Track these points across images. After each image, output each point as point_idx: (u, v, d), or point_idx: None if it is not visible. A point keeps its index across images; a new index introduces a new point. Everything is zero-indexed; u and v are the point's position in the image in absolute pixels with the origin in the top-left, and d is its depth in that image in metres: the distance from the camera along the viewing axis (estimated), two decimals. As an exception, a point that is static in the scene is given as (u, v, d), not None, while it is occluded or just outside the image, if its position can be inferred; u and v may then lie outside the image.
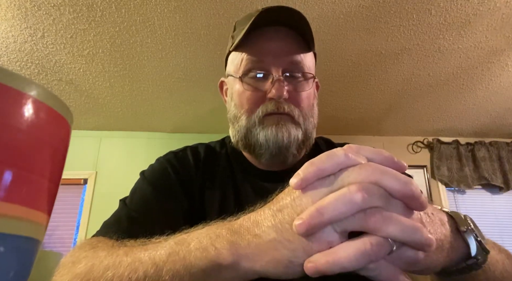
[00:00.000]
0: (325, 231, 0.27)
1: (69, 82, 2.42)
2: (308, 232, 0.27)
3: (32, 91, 0.18)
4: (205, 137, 2.85)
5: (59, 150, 0.21)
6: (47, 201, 0.20)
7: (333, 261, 0.26)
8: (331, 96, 2.68)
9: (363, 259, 0.26)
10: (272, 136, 0.57)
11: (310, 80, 0.62)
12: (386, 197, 0.27)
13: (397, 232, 0.26)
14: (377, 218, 0.26)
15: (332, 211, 0.26)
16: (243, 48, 0.61)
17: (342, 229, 0.27)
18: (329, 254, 0.26)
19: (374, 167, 0.27)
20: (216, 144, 0.70)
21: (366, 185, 0.26)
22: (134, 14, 1.85)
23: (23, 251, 0.18)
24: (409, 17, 1.92)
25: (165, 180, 0.60)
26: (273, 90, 0.57)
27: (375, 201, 0.26)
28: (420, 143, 3.30)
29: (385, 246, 0.26)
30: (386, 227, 0.26)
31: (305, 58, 0.61)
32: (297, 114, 0.59)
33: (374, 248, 0.26)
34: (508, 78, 2.48)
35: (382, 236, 0.26)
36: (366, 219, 0.26)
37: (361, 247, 0.26)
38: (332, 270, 0.26)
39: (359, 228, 0.27)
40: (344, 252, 0.26)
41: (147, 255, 0.34)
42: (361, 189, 0.26)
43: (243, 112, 0.61)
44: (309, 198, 0.28)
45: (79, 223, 2.80)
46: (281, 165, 0.62)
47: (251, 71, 0.60)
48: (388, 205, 0.27)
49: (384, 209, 0.27)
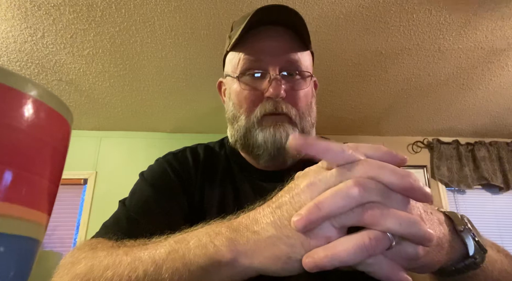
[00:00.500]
0: (323, 226, 0.27)
1: (69, 82, 2.42)
2: (307, 227, 0.27)
3: (32, 91, 0.18)
4: (205, 137, 2.85)
5: (59, 150, 0.21)
6: (47, 201, 0.20)
7: (332, 255, 0.26)
8: (331, 96, 2.68)
9: (361, 253, 0.26)
10: (270, 136, 0.58)
11: (307, 79, 0.62)
12: (385, 192, 0.27)
13: (395, 225, 0.26)
14: (375, 212, 0.26)
15: (329, 206, 0.26)
16: (240, 48, 0.61)
17: (340, 224, 0.27)
18: (328, 249, 0.26)
19: (372, 163, 0.28)
20: (215, 145, 0.70)
21: (363, 180, 0.27)
22: (134, 14, 1.85)
23: (23, 251, 0.18)
24: (409, 17, 1.92)
25: (164, 180, 0.60)
26: (271, 89, 0.57)
27: (373, 196, 0.26)
28: (420, 143, 3.30)
29: (384, 240, 0.26)
30: (384, 221, 0.26)
31: (302, 57, 0.62)
32: (294, 114, 0.59)
33: (372, 242, 0.26)
34: (508, 78, 2.48)
35: (380, 230, 0.26)
36: (364, 213, 0.26)
37: (359, 241, 0.26)
38: (331, 264, 0.26)
39: (357, 222, 0.27)
40: (342, 246, 0.26)
41: (146, 254, 0.34)
42: (358, 183, 0.26)
43: (242, 111, 0.61)
44: (308, 195, 0.28)
45: (79, 223, 2.79)
46: (280, 165, 0.62)
47: (248, 71, 0.60)
48: (387, 199, 0.27)
49: (382, 204, 0.27)
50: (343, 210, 0.26)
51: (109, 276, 0.33)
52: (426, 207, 0.31)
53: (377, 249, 0.26)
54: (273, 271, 0.29)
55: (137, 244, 0.39)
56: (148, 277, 0.32)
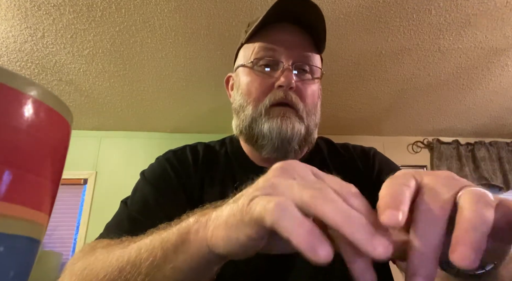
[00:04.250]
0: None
1: (69, 82, 2.42)
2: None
3: (32, 91, 0.18)
4: (205, 137, 2.85)
5: (59, 150, 0.21)
6: (47, 201, 0.20)
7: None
8: (331, 96, 2.68)
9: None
10: (276, 127, 0.58)
11: (316, 80, 0.64)
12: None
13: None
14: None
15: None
16: (257, 38, 0.62)
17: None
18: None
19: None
20: (216, 144, 0.70)
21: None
22: (134, 14, 1.85)
23: (23, 251, 0.18)
24: (409, 17, 1.92)
25: (165, 179, 0.61)
26: (282, 78, 0.58)
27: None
28: (420, 143, 3.30)
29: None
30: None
31: (314, 56, 0.63)
32: (301, 108, 0.60)
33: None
34: (508, 78, 2.48)
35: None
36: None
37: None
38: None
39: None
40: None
41: (136, 244, 0.36)
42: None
43: (250, 101, 0.61)
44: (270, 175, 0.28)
45: (79, 223, 2.80)
46: (282, 158, 0.62)
47: (262, 59, 0.61)
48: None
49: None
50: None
51: (99, 266, 0.36)
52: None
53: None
54: (230, 251, 0.28)
55: (133, 239, 0.40)
56: (130, 259, 0.34)
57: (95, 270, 0.37)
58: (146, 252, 0.33)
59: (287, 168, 0.28)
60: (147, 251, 0.33)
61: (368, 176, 0.65)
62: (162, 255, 0.32)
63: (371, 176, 0.65)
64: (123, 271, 0.34)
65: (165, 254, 0.32)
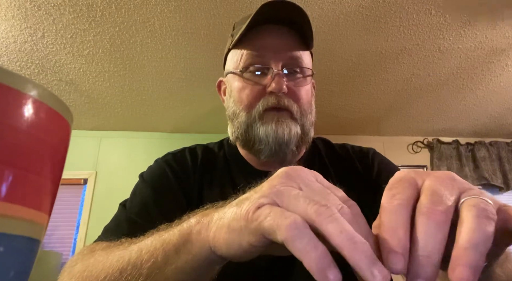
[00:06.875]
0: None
1: (69, 82, 2.42)
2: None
3: (32, 91, 0.18)
4: (205, 137, 2.85)
5: (59, 150, 0.21)
6: (47, 201, 0.20)
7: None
8: (331, 96, 2.68)
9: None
10: (272, 132, 0.58)
11: (308, 78, 0.63)
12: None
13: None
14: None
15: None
16: (243, 45, 0.62)
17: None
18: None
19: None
20: (215, 146, 0.70)
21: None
22: (134, 14, 1.85)
23: (23, 251, 0.18)
24: (409, 17, 1.92)
25: (163, 182, 0.61)
26: (273, 83, 0.58)
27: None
28: (420, 143, 3.30)
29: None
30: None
31: (303, 55, 0.62)
32: (296, 110, 0.60)
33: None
34: (508, 78, 2.48)
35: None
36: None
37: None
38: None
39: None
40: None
41: (136, 245, 0.36)
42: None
43: (243, 107, 0.61)
44: (267, 184, 0.28)
45: (79, 223, 2.80)
46: (279, 164, 0.62)
47: (251, 66, 0.61)
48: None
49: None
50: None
51: (99, 268, 0.36)
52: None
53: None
54: (230, 254, 0.28)
55: (133, 241, 0.40)
56: (130, 260, 0.34)
57: (95, 271, 0.37)
58: (147, 253, 0.33)
59: (292, 175, 0.28)
60: (148, 252, 0.33)
61: (367, 177, 0.64)
62: (163, 256, 0.32)
63: (370, 177, 0.64)
64: (124, 272, 0.34)
65: (166, 255, 0.32)
